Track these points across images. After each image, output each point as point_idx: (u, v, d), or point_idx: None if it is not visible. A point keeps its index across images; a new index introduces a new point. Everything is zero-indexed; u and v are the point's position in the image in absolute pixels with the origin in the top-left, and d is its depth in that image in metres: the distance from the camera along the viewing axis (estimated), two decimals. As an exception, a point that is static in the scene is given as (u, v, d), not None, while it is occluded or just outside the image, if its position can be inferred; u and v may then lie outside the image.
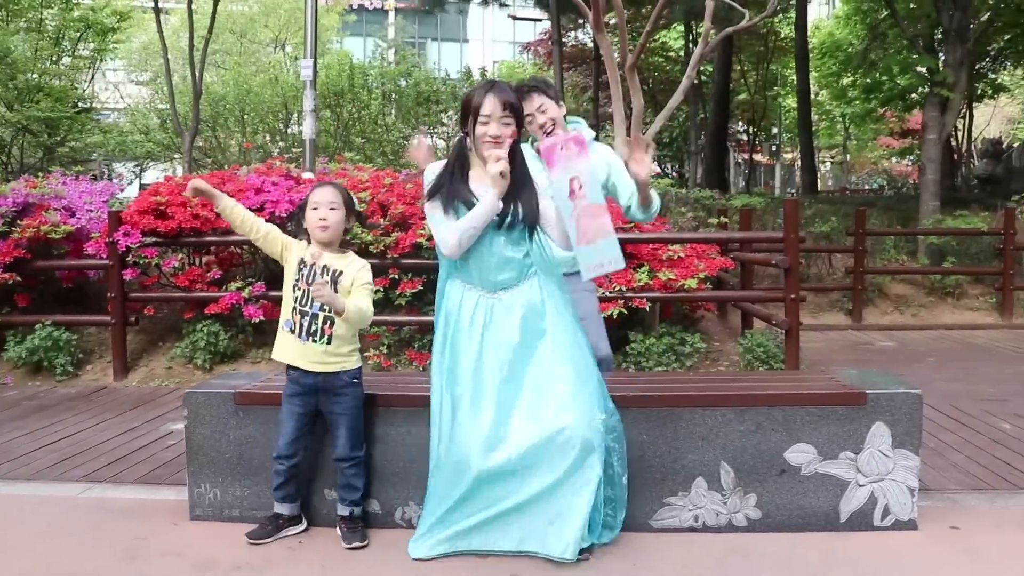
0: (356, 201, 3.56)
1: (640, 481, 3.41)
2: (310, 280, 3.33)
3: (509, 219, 3.15)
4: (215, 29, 14.63)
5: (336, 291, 3.32)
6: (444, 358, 3.26)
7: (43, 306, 7.26)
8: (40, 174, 8.83)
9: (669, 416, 3.43)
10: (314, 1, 8.38)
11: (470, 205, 3.15)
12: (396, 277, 6.50)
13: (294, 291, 3.37)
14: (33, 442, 4.95)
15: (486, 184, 3.15)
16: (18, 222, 6.98)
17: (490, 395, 3.15)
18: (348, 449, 3.37)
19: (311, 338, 3.34)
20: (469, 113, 3.16)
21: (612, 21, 12.09)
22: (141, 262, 6.78)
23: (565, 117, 3.98)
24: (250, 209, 6.52)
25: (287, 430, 3.38)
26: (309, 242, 3.41)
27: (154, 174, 20.79)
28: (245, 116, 15.16)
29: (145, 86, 24.92)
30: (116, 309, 6.74)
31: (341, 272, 3.38)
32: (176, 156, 18.84)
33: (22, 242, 6.85)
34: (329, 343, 3.34)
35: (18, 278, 6.87)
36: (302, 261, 3.39)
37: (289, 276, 3.42)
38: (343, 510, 3.42)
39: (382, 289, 6.44)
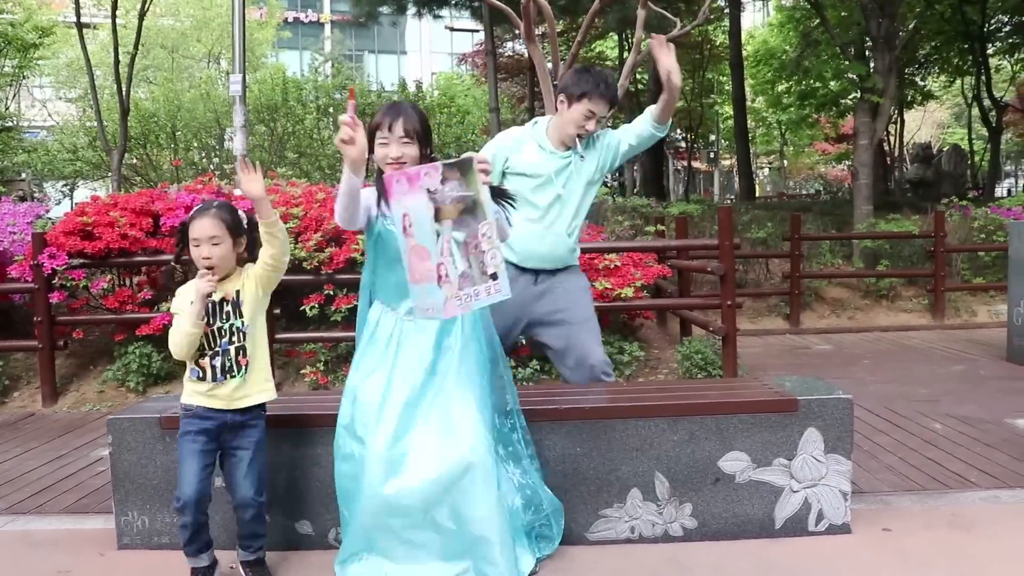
0: (244, 218, 3.14)
1: (575, 493, 3.39)
2: (211, 322, 3.05)
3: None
4: (146, 44, 14.41)
5: (241, 314, 3.08)
6: (355, 376, 3.19)
7: (-34, 332, 7.05)
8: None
9: (602, 428, 3.41)
10: (242, 17, 8.28)
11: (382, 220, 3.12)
12: (331, 293, 6.42)
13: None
14: (-47, 474, 4.78)
15: None
16: (-64, 246, 6.76)
17: (392, 419, 3.04)
18: (252, 494, 3.09)
19: (227, 375, 3.06)
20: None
21: (544, 31, 12.14)
22: (68, 284, 6.60)
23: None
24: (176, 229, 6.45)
25: (190, 470, 3.01)
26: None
27: (84, 192, 20.35)
28: (177, 132, 14.90)
29: (73, 103, 24.43)
30: (43, 333, 6.55)
31: (239, 291, 3.10)
32: (108, 175, 18.50)
33: (-60, 267, 6.64)
34: (246, 373, 3.08)
35: (-62, 304, 6.66)
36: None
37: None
38: (248, 556, 3.17)
39: (317, 306, 6.36)
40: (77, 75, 24.45)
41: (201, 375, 3.08)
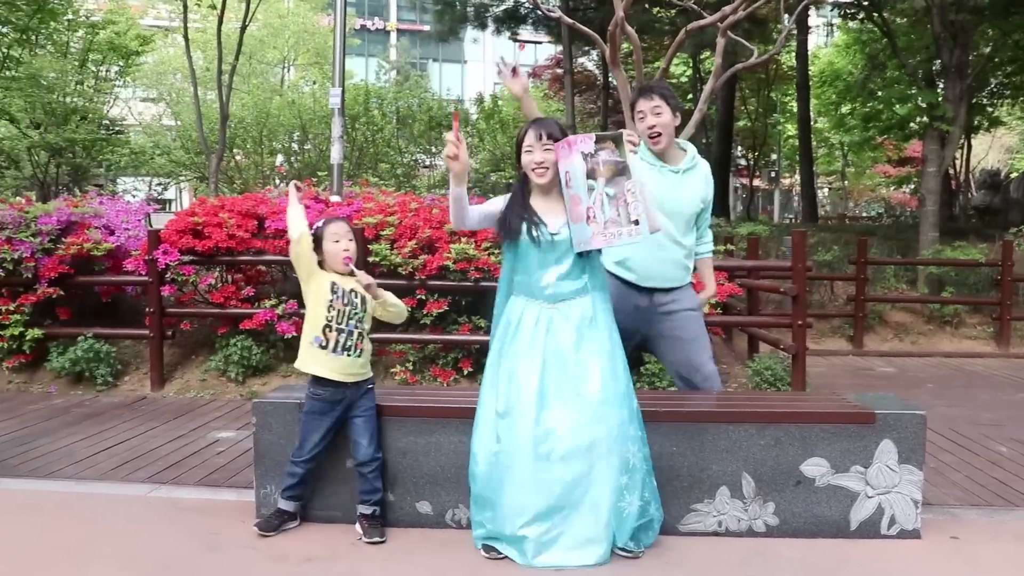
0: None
1: (669, 489, 3.74)
2: (345, 302, 3.74)
3: (541, 238, 3.54)
4: (226, 50, 14.95)
5: (366, 309, 3.81)
6: (500, 368, 3.57)
7: (81, 319, 7.59)
8: (78, 192, 9.16)
9: (696, 430, 3.76)
10: (342, 32, 8.68)
11: (528, 222, 3.55)
12: (423, 298, 6.82)
13: (328, 311, 3.72)
14: (92, 446, 5.28)
15: (546, 209, 3.58)
16: (62, 239, 7.31)
17: (550, 399, 3.45)
18: (371, 451, 3.73)
19: (346, 353, 3.73)
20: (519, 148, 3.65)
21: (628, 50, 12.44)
22: (179, 279, 7.11)
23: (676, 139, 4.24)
24: (280, 232, 6.92)
25: (314, 439, 3.74)
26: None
27: (171, 193, 21.10)
28: (263, 137, 15.47)
29: (155, 103, 25.32)
30: (155, 323, 7.06)
31: (364, 295, 3.83)
32: (184, 174, 19.19)
33: (66, 258, 7.18)
34: (360, 356, 3.77)
35: (61, 292, 7.21)
36: (334, 284, 3.75)
37: (320, 297, 3.74)
38: (366, 509, 3.74)
39: (409, 309, 6.74)
40: (160, 78, 25.40)
41: (323, 344, 3.72)
